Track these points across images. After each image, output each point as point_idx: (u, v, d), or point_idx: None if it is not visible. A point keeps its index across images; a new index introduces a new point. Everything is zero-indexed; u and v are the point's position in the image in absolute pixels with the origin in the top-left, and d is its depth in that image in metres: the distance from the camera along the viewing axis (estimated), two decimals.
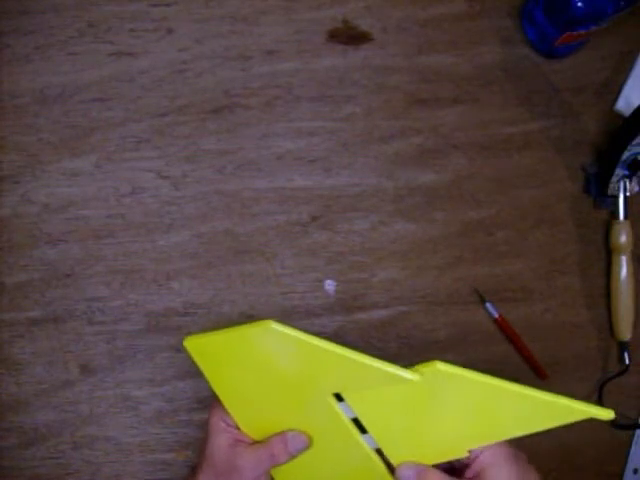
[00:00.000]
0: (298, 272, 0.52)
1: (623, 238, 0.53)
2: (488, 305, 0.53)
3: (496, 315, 0.53)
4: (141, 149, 0.50)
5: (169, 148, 0.51)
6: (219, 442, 0.39)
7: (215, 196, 0.51)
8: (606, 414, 0.33)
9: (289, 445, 0.39)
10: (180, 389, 0.50)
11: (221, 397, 0.40)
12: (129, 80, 0.50)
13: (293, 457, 0.39)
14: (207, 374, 0.40)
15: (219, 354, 0.39)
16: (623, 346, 0.54)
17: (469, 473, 0.36)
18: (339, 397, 0.38)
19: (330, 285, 0.52)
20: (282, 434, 0.39)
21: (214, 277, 0.51)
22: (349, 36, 0.53)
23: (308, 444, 0.39)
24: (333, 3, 0.53)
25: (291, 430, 0.39)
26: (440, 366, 0.35)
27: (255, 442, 0.40)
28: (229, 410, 0.40)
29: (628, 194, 0.53)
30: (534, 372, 0.53)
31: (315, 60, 0.53)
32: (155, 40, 0.51)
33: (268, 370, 0.38)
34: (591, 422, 0.58)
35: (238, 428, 0.40)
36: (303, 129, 0.52)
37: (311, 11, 0.53)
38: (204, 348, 0.39)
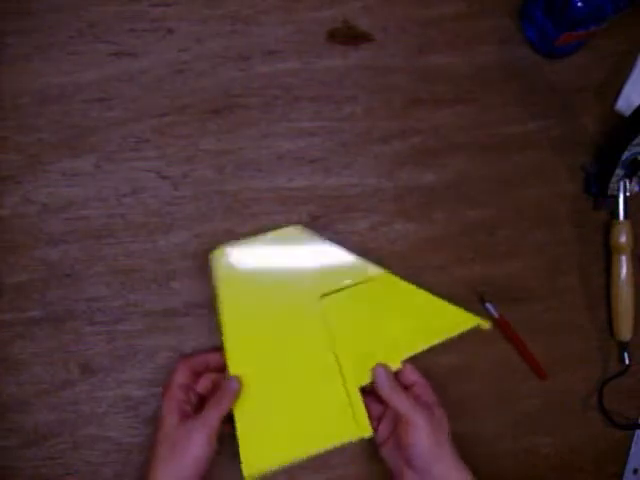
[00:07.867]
0: None
1: (623, 238, 0.53)
2: (488, 305, 0.53)
3: (496, 315, 0.53)
4: (141, 149, 0.50)
5: (169, 148, 0.51)
6: (171, 421, 0.42)
7: (215, 196, 0.51)
8: (484, 323, 0.47)
9: (230, 384, 0.43)
10: None
11: (225, 325, 0.45)
12: (129, 80, 0.50)
13: (236, 396, 0.43)
14: (221, 294, 0.46)
15: (242, 266, 0.46)
16: (623, 346, 0.54)
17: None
18: None
19: None
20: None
21: None
22: (349, 36, 0.53)
23: (240, 385, 0.44)
24: (333, 3, 0.53)
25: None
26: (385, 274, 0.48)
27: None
28: (226, 344, 0.45)
29: (628, 194, 0.53)
30: (534, 372, 0.53)
31: (315, 60, 0.53)
32: (155, 40, 0.51)
33: (277, 275, 0.46)
34: (591, 422, 0.58)
35: (189, 404, 0.43)
36: (303, 129, 0.52)
37: (311, 11, 0.53)
38: (230, 258, 0.46)
